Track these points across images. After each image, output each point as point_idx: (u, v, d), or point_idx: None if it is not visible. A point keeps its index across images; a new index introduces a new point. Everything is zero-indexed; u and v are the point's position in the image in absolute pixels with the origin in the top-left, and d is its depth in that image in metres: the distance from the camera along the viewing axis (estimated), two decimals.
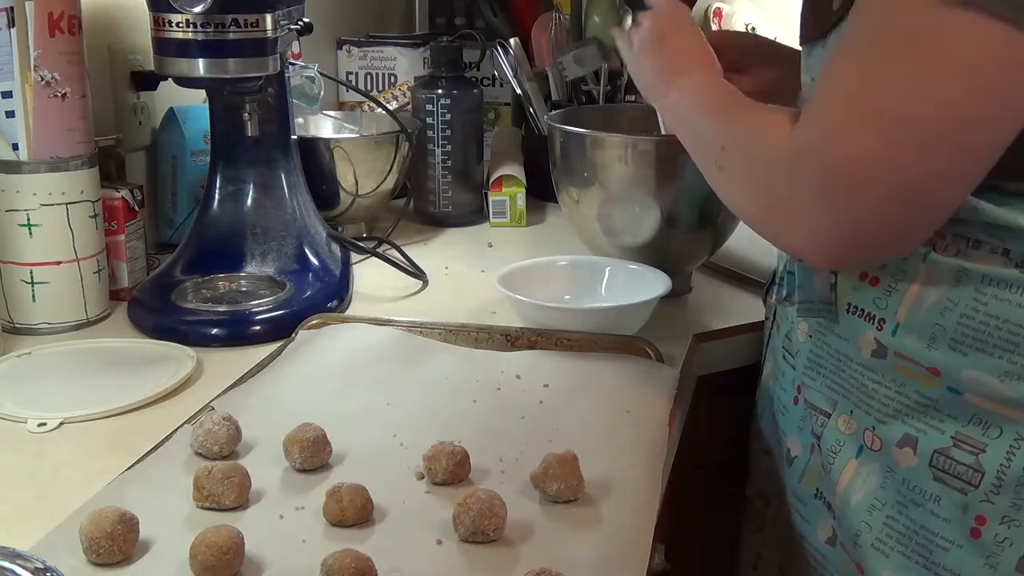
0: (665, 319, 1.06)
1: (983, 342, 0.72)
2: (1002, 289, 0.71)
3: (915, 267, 0.74)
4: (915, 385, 0.76)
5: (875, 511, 0.79)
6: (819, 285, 0.81)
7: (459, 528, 0.68)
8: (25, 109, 1.01)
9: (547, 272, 1.11)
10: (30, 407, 0.88)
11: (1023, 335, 0.70)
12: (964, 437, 0.74)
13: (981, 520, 0.74)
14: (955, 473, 0.74)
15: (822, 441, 0.83)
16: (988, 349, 0.72)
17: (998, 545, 0.73)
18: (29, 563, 0.56)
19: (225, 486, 0.70)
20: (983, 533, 0.74)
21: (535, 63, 1.63)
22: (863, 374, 0.79)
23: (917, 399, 0.76)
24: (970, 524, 0.74)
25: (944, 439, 0.74)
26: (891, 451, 0.77)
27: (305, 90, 1.44)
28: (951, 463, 0.74)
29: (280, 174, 1.19)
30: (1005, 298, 0.71)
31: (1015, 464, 0.72)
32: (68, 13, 1.02)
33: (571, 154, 1.15)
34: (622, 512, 0.72)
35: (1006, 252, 0.71)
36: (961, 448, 0.74)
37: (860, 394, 0.80)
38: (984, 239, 0.72)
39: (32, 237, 1.03)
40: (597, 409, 0.87)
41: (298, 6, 1.14)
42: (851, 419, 0.81)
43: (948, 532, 0.75)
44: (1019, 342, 0.70)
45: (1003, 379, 0.71)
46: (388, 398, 0.89)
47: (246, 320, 1.06)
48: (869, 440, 0.79)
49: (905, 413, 0.77)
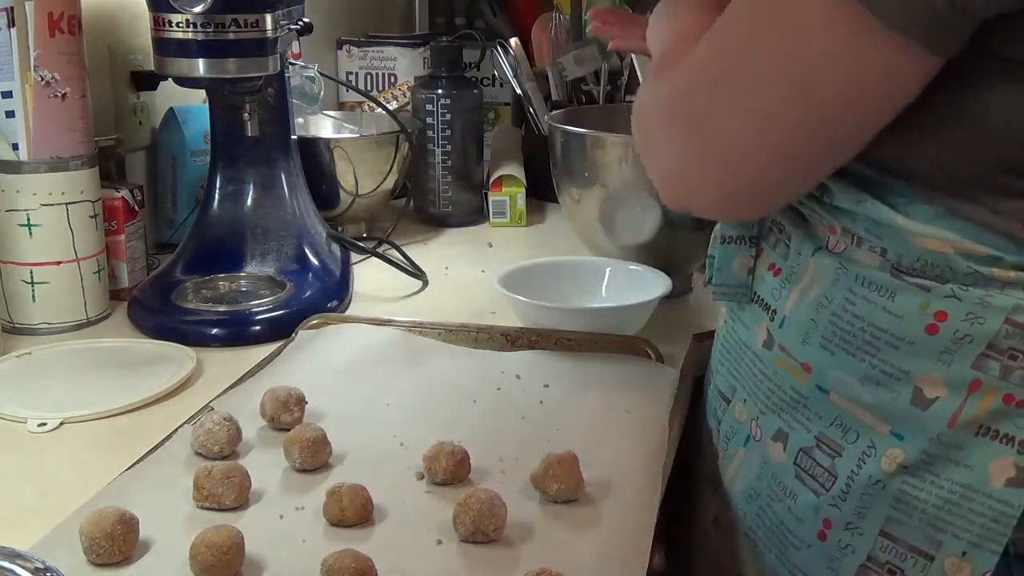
0: (665, 319, 1.06)
1: (849, 343, 0.70)
2: (872, 291, 0.69)
3: (806, 261, 0.74)
4: (790, 380, 0.75)
5: (751, 501, 0.79)
6: (736, 269, 0.81)
7: (459, 528, 0.67)
8: (25, 109, 1.01)
9: (547, 272, 1.11)
10: (30, 407, 0.88)
11: (884, 339, 0.68)
12: (826, 439, 0.73)
13: (827, 524, 0.73)
14: (813, 474, 0.74)
15: (721, 426, 0.84)
16: (852, 351, 0.70)
17: (840, 551, 0.72)
18: (29, 563, 0.56)
19: (225, 486, 0.70)
20: (828, 537, 0.73)
21: (535, 63, 1.63)
22: (755, 363, 0.79)
23: (791, 394, 0.75)
24: (818, 527, 0.73)
25: (809, 438, 0.74)
26: (767, 443, 0.77)
27: (305, 90, 1.44)
28: (812, 463, 0.74)
29: (280, 174, 1.19)
30: (873, 300, 0.69)
31: (863, 472, 0.70)
32: (68, 13, 1.02)
33: (572, 154, 1.15)
34: (622, 512, 0.72)
35: (884, 252, 0.69)
36: (822, 449, 0.73)
37: (752, 384, 0.79)
38: (865, 236, 0.69)
39: (32, 237, 1.03)
40: (597, 409, 0.87)
41: (298, 6, 1.14)
42: (744, 407, 0.80)
43: (800, 531, 0.75)
44: (880, 346, 0.69)
45: (863, 383, 0.70)
46: (388, 398, 0.89)
47: (246, 320, 1.06)
48: (754, 430, 0.79)
49: (780, 407, 0.76)
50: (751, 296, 0.80)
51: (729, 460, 0.82)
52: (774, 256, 0.78)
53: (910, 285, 0.67)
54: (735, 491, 0.81)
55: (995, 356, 0.65)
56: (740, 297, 0.81)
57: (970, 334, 0.65)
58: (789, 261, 0.76)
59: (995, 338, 0.65)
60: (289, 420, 0.81)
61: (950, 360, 0.66)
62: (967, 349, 0.66)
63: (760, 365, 0.78)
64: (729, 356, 0.83)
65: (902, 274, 0.68)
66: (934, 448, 0.67)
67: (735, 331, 0.82)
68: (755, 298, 0.79)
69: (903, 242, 0.67)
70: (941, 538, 0.68)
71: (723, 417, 0.84)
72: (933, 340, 0.66)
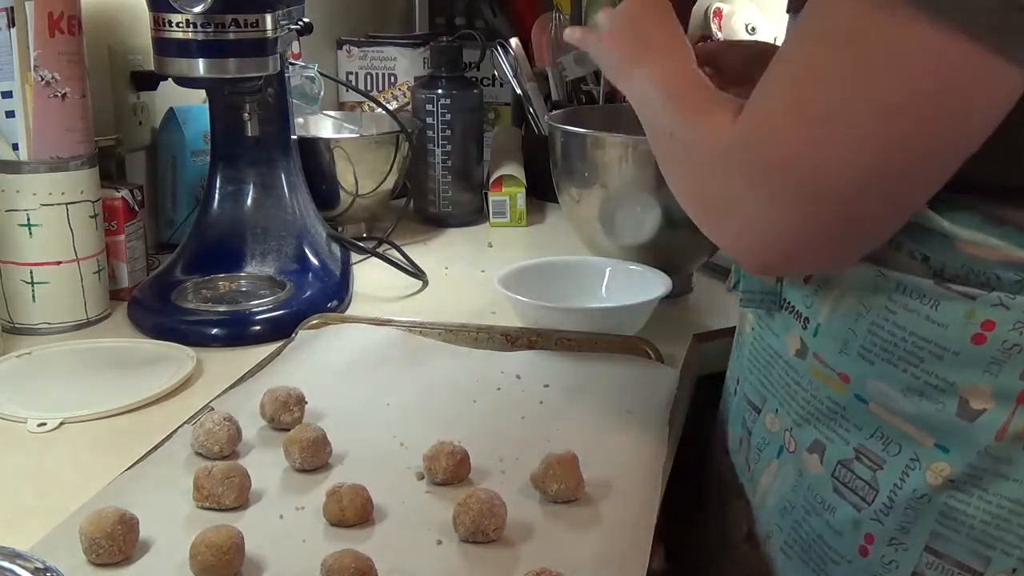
0: (665, 319, 1.06)
1: (890, 353, 0.68)
2: (914, 299, 0.67)
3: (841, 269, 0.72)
4: (827, 390, 0.73)
5: (786, 514, 0.78)
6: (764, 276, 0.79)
7: (459, 528, 0.67)
8: (25, 109, 1.01)
9: (547, 272, 1.11)
10: (30, 407, 0.88)
11: (928, 350, 0.66)
12: (866, 450, 0.71)
13: (869, 539, 0.71)
14: (853, 487, 0.72)
15: (752, 436, 0.82)
16: (894, 361, 0.68)
17: (884, 567, 0.71)
18: (29, 563, 0.56)
19: (225, 486, 0.70)
20: (871, 552, 0.71)
21: (535, 63, 1.63)
22: (787, 372, 0.77)
23: (828, 404, 0.73)
24: (859, 541, 0.72)
25: (848, 450, 0.72)
26: (802, 455, 0.75)
27: (305, 90, 1.44)
28: (851, 476, 0.72)
29: (280, 174, 1.19)
30: (915, 309, 0.67)
31: (907, 485, 0.69)
32: (68, 13, 1.02)
33: (572, 154, 1.15)
34: (622, 512, 0.72)
35: (925, 259, 0.67)
36: (862, 462, 0.71)
37: (784, 393, 0.77)
38: (905, 242, 0.67)
39: (32, 237, 1.03)
40: (597, 409, 0.87)
41: (298, 6, 1.14)
42: (776, 418, 0.78)
43: (840, 546, 0.73)
44: (924, 356, 0.67)
45: (906, 394, 0.68)
46: (388, 398, 0.89)
47: (246, 320, 1.06)
48: (787, 441, 0.77)
49: (817, 418, 0.74)
50: (780, 303, 0.77)
51: (760, 472, 0.80)
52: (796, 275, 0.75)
53: (955, 293, 0.65)
54: (768, 504, 0.79)
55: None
56: (768, 304, 0.78)
57: (1019, 344, 0.64)
58: None
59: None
60: (289, 420, 0.81)
61: (998, 371, 0.64)
62: (1016, 359, 0.64)
63: (793, 374, 0.76)
64: (758, 364, 0.81)
65: (946, 281, 0.66)
66: (982, 461, 0.66)
67: (763, 338, 0.80)
68: (785, 305, 0.77)
69: (947, 248, 0.66)
70: (990, 554, 0.67)
71: (753, 427, 0.81)
72: (980, 350, 0.65)
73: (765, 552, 0.80)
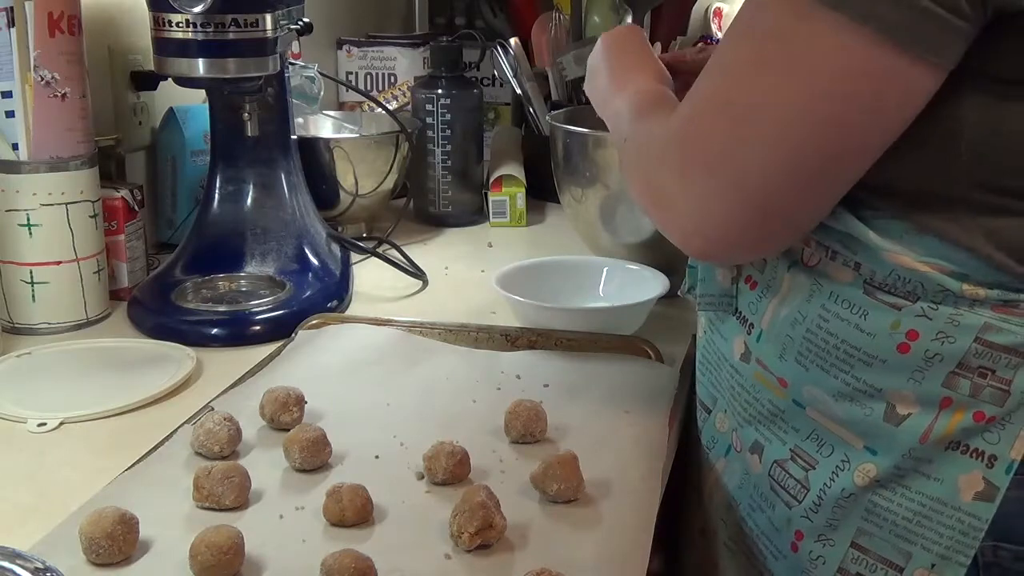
0: (665, 319, 1.06)
1: (823, 359, 0.71)
2: (845, 309, 0.70)
3: (782, 275, 0.74)
4: (768, 393, 0.76)
5: (731, 511, 0.80)
6: (720, 278, 0.81)
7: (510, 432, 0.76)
8: (25, 109, 1.01)
9: (545, 272, 1.11)
10: (30, 407, 0.88)
11: (857, 357, 0.69)
12: (801, 451, 0.74)
13: (799, 535, 0.74)
14: (786, 486, 0.75)
15: (703, 435, 0.85)
16: (826, 367, 0.71)
17: (811, 562, 0.73)
18: (29, 563, 0.56)
19: (225, 486, 0.70)
20: (799, 548, 0.74)
21: (535, 63, 1.63)
22: (733, 375, 0.79)
23: (769, 407, 0.76)
24: (791, 538, 0.75)
25: (784, 451, 0.75)
26: (746, 455, 0.79)
27: (305, 90, 1.44)
28: (785, 475, 0.75)
29: (280, 174, 1.19)
30: (846, 318, 0.69)
31: (835, 485, 0.71)
32: (68, 13, 1.02)
33: (574, 154, 1.15)
34: (622, 512, 0.72)
35: (857, 267, 0.69)
36: (796, 462, 0.74)
37: (730, 395, 0.80)
38: (839, 250, 0.70)
39: (32, 237, 1.03)
40: (597, 409, 0.87)
41: (298, 6, 1.14)
42: (725, 418, 0.82)
43: (777, 542, 0.76)
44: (854, 364, 0.69)
45: (837, 399, 0.71)
46: (388, 398, 0.89)
47: (246, 320, 1.06)
48: (735, 441, 0.80)
49: (758, 420, 0.77)
50: (735, 305, 0.80)
51: (710, 469, 0.83)
52: (751, 268, 0.78)
53: (881, 303, 0.68)
54: (715, 501, 0.82)
55: (965, 375, 0.66)
56: (724, 307, 0.81)
57: (940, 353, 0.66)
58: (766, 274, 0.76)
59: (965, 357, 0.66)
60: (289, 420, 0.81)
61: (921, 378, 0.67)
62: (938, 368, 0.67)
63: (738, 377, 0.79)
64: (709, 366, 0.84)
65: (875, 290, 0.68)
66: (906, 462, 0.68)
67: (713, 342, 0.83)
68: (734, 310, 0.80)
69: (875, 258, 0.68)
70: (911, 550, 0.69)
71: (704, 426, 0.85)
72: (904, 359, 0.67)
73: (715, 547, 0.83)
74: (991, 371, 0.65)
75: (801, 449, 0.74)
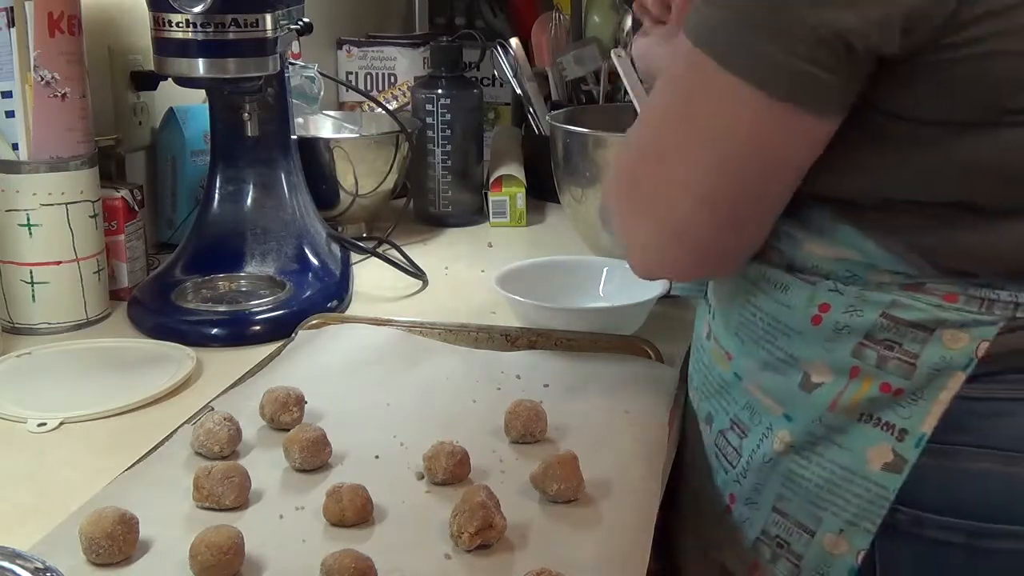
0: (665, 319, 1.06)
1: (752, 332, 0.77)
2: (770, 285, 0.76)
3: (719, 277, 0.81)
4: (719, 368, 0.82)
5: (696, 474, 0.86)
6: None
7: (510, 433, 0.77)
8: (25, 109, 1.01)
9: (544, 272, 1.11)
10: (30, 407, 0.88)
11: (779, 329, 0.75)
12: (737, 420, 0.80)
13: (732, 498, 0.80)
14: (725, 453, 0.81)
15: (687, 410, 0.89)
16: (755, 339, 0.77)
17: (741, 524, 0.79)
18: (29, 563, 0.56)
19: (225, 486, 0.70)
20: (732, 510, 0.80)
21: (535, 63, 1.63)
22: (701, 353, 0.86)
23: (719, 381, 0.82)
24: (725, 501, 0.81)
25: (726, 420, 0.81)
26: (702, 426, 0.85)
27: (305, 90, 1.43)
28: (725, 443, 0.81)
29: (280, 174, 1.19)
30: (770, 293, 0.76)
31: (759, 451, 0.77)
32: (68, 13, 1.02)
33: (574, 154, 1.15)
34: (622, 512, 0.72)
35: (781, 252, 0.75)
36: (734, 431, 0.80)
37: (695, 371, 0.87)
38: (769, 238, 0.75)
39: (32, 237, 1.03)
40: (597, 409, 0.87)
41: (298, 6, 1.14)
42: (695, 394, 0.87)
43: (719, 504, 0.82)
44: (776, 335, 0.75)
45: (763, 368, 0.76)
46: (388, 398, 0.89)
47: (246, 320, 1.06)
48: (704, 412, 0.85)
49: (712, 393, 0.83)
50: (705, 290, 0.86)
51: (694, 440, 0.88)
52: None
53: (800, 280, 0.74)
54: (695, 467, 0.87)
55: (871, 346, 0.71)
56: (696, 290, 0.87)
57: (849, 325, 0.72)
58: None
59: (872, 329, 0.71)
60: (289, 420, 0.81)
61: (832, 348, 0.72)
62: (846, 339, 0.72)
63: (704, 355, 0.85)
64: (693, 350, 0.90)
65: (795, 271, 0.75)
66: (818, 429, 0.74)
67: (696, 326, 0.90)
68: (703, 294, 0.87)
69: (795, 246, 0.75)
70: (821, 515, 0.74)
71: (685, 402, 0.90)
72: (818, 330, 0.73)
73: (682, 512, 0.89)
74: (897, 344, 0.70)
75: (738, 418, 0.80)
